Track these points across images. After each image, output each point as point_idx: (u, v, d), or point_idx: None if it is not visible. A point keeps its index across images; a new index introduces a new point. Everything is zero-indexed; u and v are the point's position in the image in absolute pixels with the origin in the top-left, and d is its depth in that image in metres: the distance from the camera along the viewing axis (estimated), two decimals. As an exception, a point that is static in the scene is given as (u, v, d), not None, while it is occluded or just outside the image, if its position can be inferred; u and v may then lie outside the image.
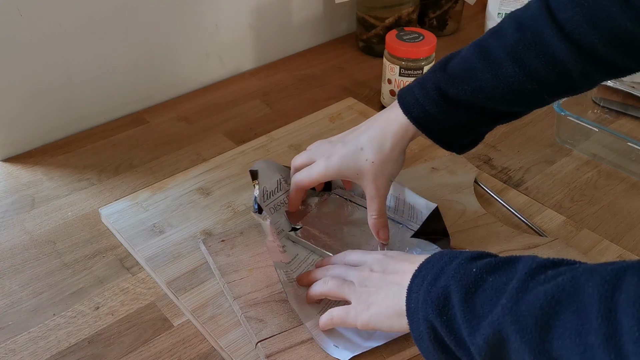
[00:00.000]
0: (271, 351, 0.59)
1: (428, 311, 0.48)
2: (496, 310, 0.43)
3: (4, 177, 0.85)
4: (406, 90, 0.65)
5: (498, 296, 0.44)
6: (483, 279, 0.45)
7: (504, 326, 0.42)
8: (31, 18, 0.81)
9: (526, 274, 0.43)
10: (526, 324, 0.40)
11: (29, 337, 0.63)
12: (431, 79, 0.63)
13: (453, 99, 0.62)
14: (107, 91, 0.94)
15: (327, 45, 1.18)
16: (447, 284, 0.47)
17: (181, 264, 0.69)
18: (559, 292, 0.40)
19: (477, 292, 0.45)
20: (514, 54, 0.59)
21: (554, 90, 0.61)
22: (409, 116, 0.64)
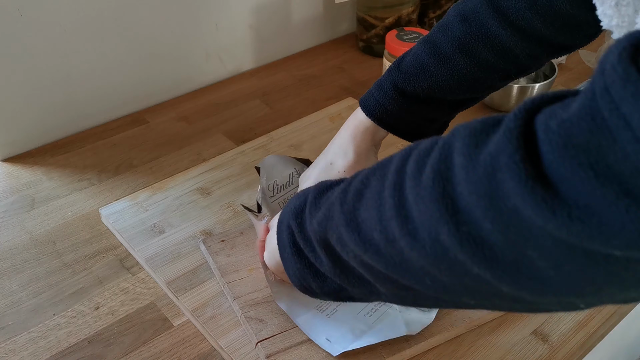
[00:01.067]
0: (271, 351, 0.59)
1: (289, 217, 0.52)
2: (332, 195, 0.47)
3: (4, 177, 0.85)
4: (366, 95, 0.68)
5: (339, 186, 0.48)
6: (337, 183, 0.50)
7: (333, 204, 0.46)
8: (31, 18, 0.81)
9: (377, 164, 0.46)
10: (348, 198, 0.45)
11: (29, 337, 0.63)
12: (388, 79, 0.66)
13: (411, 96, 0.65)
14: (107, 91, 0.94)
15: (327, 45, 1.18)
16: (308, 192, 0.52)
17: (181, 264, 0.69)
18: (376, 166, 0.44)
19: (327, 191, 0.50)
20: (462, 46, 0.62)
21: (505, 74, 0.64)
22: (371, 117, 0.66)
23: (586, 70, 1.06)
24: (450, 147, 0.36)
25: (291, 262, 0.53)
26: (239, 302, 0.63)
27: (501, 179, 0.32)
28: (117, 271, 0.70)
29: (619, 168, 0.28)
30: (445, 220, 0.35)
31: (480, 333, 0.64)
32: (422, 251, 0.38)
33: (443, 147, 0.37)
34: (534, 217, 0.31)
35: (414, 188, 0.38)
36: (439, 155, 0.37)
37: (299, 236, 0.51)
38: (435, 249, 0.37)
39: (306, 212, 0.50)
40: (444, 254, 0.37)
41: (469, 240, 0.35)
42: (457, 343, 0.63)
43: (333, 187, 0.50)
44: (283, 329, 0.61)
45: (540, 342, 0.63)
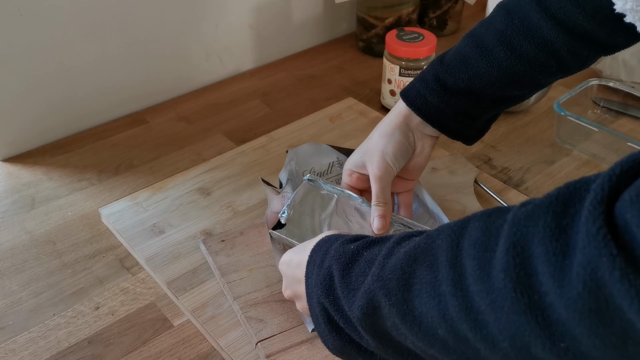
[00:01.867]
0: (271, 351, 0.59)
1: (319, 293, 0.49)
2: (367, 280, 0.44)
3: (4, 177, 0.85)
4: (408, 86, 0.68)
5: (370, 266, 0.45)
6: (359, 254, 0.47)
7: (375, 293, 0.43)
8: (31, 18, 0.81)
9: (394, 242, 0.44)
10: (391, 287, 0.41)
11: (29, 337, 0.63)
12: (430, 71, 0.66)
13: (452, 88, 0.65)
14: (107, 91, 0.94)
15: (327, 45, 1.18)
16: (330, 264, 0.49)
17: (181, 264, 0.69)
18: (415, 249, 0.41)
19: (354, 266, 0.46)
20: (504, 39, 0.62)
21: (546, 71, 0.63)
22: (411, 107, 0.67)
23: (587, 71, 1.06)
24: (525, 253, 0.33)
25: (329, 338, 0.50)
26: (239, 302, 0.63)
27: (609, 293, 0.29)
28: (117, 271, 0.70)
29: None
30: (536, 334, 0.32)
31: (480, 333, 0.64)
32: (506, 358, 0.35)
33: (514, 251, 0.33)
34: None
35: (486, 295, 0.35)
36: (512, 261, 0.33)
37: (336, 315, 0.48)
38: (524, 357, 0.34)
39: (338, 293, 0.47)
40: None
41: (569, 355, 0.32)
42: (457, 343, 0.63)
43: (357, 258, 0.47)
44: (283, 329, 0.61)
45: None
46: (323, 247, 0.52)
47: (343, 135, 0.90)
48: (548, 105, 0.98)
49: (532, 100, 0.96)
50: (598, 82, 0.95)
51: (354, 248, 0.48)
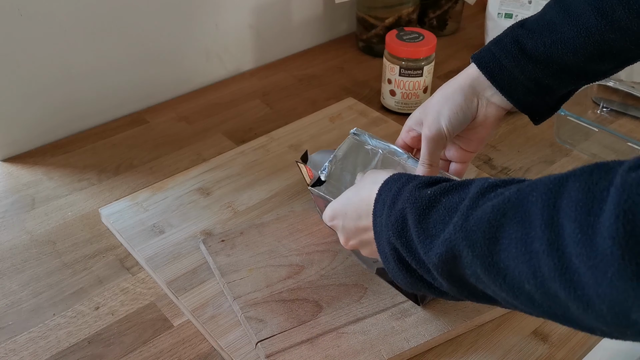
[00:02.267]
0: (271, 351, 0.59)
1: (389, 234, 0.49)
2: (448, 229, 0.43)
3: (4, 177, 0.85)
4: (482, 48, 0.64)
5: (450, 215, 0.44)
6: (437, 200, 0.46)
7: (456, 243, 0.43)
8: (31, 18, 0.81)
9: (477, 193, 0.43)
10: (476, 238, 0.41)
11: (29, 337, 0.63)
12: (509, 34, 0.62)
13: (531, 53, 0.60)
14: (107, 91, 0.94)
15: (327, 45, 1.18)
16: (404, 206, 0.48)
17: (181, 264, 0.69)
18: (504, 204, 0.40)
19: (431, 213, 0.46)
20: (595, 2, 0.57)
21: (638, 41, 0.58)
22: (482, 69, 0.62)
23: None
24: (639, 219, 0.32)
25: (399, 275, 0.51)
26: (239, 302, 0.63)
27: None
28: (117, 271, 0.70)
29: None
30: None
31: (480, 333, 0.64)
32: (599, 319, 0.36)
33: (625, 218, 0.33)
34: None
35: (587, 259, 0.34)
36: (622, 228, 0.33)
37: (408, 257, 0.48)
38: (620, 321, 0.34)
39: (412, 236, 0.47)
40: (632, 326, 0.34)
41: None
42: (457, 343, 0.63)
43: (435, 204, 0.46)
44: (283, 329, 0.61)
45: (540, 342, 0.63)
46: (394, 187, 0.51)
47: (343, 136, 0.90)
48: (548, 105, 0.98)
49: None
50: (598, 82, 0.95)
51: (431, 193, 0.47)
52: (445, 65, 1.10)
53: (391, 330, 0.61)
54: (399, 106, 0.96)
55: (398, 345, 0.60)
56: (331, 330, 0.61)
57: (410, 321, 0.62)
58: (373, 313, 0.63)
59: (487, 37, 1.14)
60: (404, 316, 0.63)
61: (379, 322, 0.62)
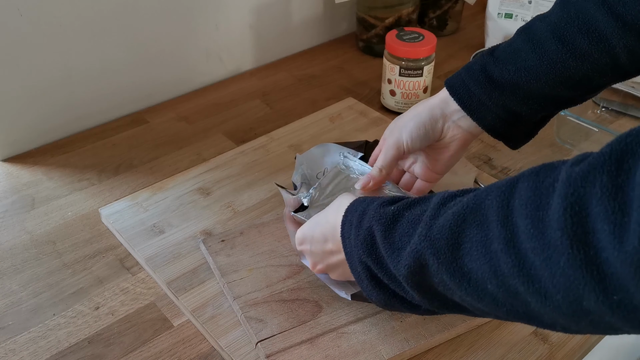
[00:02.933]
0: (271, 351, 0.59)
1: (360, 253, 0.51)
2: (414, 240, 0.45)
3: (4, 177, 0.85)
4: (454, 75, 0.66)
5: (414, 227, 0.46)
6: (401, 214, 0.48)
7: (422, 252, 0.44)
8: (31, 18, 0.81)
9: (438, 203, 0.45)
10: (439, 245, 0.43)
11: (29, 337, 0.63)
12: (478, 62, 0.65)
13: (497, 81, 0.62)
14: (107, 91, 0.94)
15: (327, 45, 1.18)
16: (370, 224, 0.50)
17: (181, 264, 0.69)
18: (463, 210, 0.42)
19: (396, 226, 0.48)
20: (557, 31, 0.59)
21: (599, 69, 0.59)
22: (452, 94, 0.65)
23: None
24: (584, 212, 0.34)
25: (373, 293, 0.52)
26: (239, 302, 0.63)
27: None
28: (117, 271, 0.70)
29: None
30: (591, 288, 0.34)
31: (480, 333, 0.64)
32: (556, 310, 0.37)
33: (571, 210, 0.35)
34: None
35: (541, 251, 0.36)
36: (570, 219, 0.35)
37: (379, 273, 0.50)
38: (574, 309, 0.36)
39: (381, 252, 0.49)
40: (586, 315, 0.36)
41: (621, 307, 0.34)
42: (457, 343, 0.63)
43: (399, 219, 0.48)
44: (283, 329, 0.61)
45: (540, 342, 0.63)
46: (359, 208, 0.53)
47: (343, 135, 0.90)
48: (548, 105, 0.98)
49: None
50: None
51: (394, 209, 0.49)
52: (445, 65, 1.10)
53: (391, 330, 0.61)
54: (399, 106, 0.96)
55: (398, 345, 0.60)
56: (331, 330, 0.61)
57: (410, 321, 0.62)
58: (373, 313, 0.63)
59: (487, 37, 1.14)
60: (404, 316, 0.63)
61: (379, 322, 0.62)
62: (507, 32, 1.09)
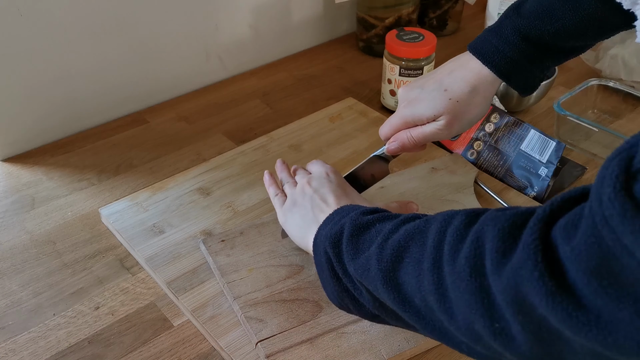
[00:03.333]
0: (271, 351, 0.59)
1: (326, 244, 0.54)
2: (372, 248, 0.50)
3: (4, 177, 0.85)
4: (480, 41, 0.64)
5: (377, 236, 0.50)
6: (372, 224, 0.52)
7: (371, 258, 0.49)
8: (31, 18, 0.81)
9: (402, 220, 0.50)
10: (385, 255, 0.47)
11: (29, 337, 0.63)
12: (507, 25, 0.62)
13: (536, 42, 0.61)
14: (107, 91, 0.94)
15: (327, 45, 1.18)
16: (344, 223, 0.54)
17: (181, 264, 0.69)
18: (414, 229, 0.47)
19: (364, 232, 0.52)
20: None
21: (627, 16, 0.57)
22: (490, 66, 0.62)
23: (587, 71, 1.06)
24: (482, 247, 0.39)
25: (329, 284, 0.55)
26: (239, 302, 0.63)
27: (526, 292, 0.35)
28: (117, 271, 0.70)
29: (633, 290, 0.30)
30: (480, 313, 0.38)
31: (480, 333, 0.64)
32: (458, 330, 0.41)
33: (476, 243, 0.40)
34: (562, 326, 0.33)
35: (451, 274, 0.41)
36: (473, 251, 0.40)
37: (337, 266, 0.53)
38: (471, 333, 0.40)
39: (343, 248, 0.52)
40: (479, 338, 0.40)
41: (502, 335, 0.38)
42: (457, 343, 0.63)
43: (369, 227, 0.52)
44: (283, 329, 0.61)
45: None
46: (344, 211, 0.56)
47: (343, 135, 0.90)
48: (548, 105, 0.98)
49: (532, 100, 0.96)
50: (598, 82, 0.95)
51: (370, 218, 0.53)
52: (445, 65, 1.10)
53: (391, 330, 0.61)
54: (399, 106, 0.96)
55: (398, 345, 0.60)
56: (331, 330, 0.61)
57: (410, 321, 0.62)
58: (373, 313, 0.63)
59: (487, 37, 1.14)
60: (404, 316, 0.63)
61: (379, 322, 0.62)
62: (507, 32, 1.09)
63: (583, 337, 0.33)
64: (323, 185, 0.62)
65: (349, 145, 0.88)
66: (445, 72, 0.65)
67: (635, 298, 0.30)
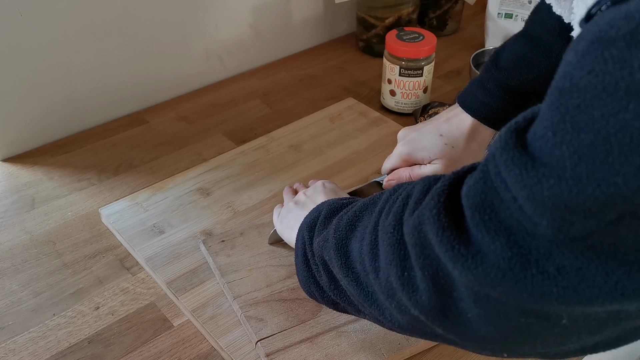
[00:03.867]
0: (271, 350, 0.59)
1: (303, 228, 0.57)
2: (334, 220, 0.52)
3: (4, 177, 0.85)
4: (466, 96, 0.69)
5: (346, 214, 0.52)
6: (347, 207, 0.54)
7: (330, 230, 0.51)
8: (31, 18, 0.81)
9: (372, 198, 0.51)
10: (341, 225, 0.50)
11: (29, 337, 0.63)
12: (488, 79, 0.67)
13: (518, 91, 0.66)
14: (107, 91, 0.94)
15: (327, 45, 1.18)
16: (322, 208, 0.57)
17: (181, 264, 0.69)
18: (370, 200, 0.50)
19: (336, 215, 0.54)
20: (562, 32, 0.62)
21: None
22: (479, 118, 0.68)
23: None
24: (407, 199, 0.42)
25: (301, 269, 0.57)
26: (239, 302, 0.63)
27: (425, 230, 0.37)
28: (117, 271, 0.70)
29: (507, 223, 0.33)
30: (395, 263, 0.41)
31: (480, 333, 0.64)
32: (380, 287, 0.43)
33: (405, 198, 0.43)
34: (450, 264, 0.36)
35: (381, 231, 0.43)
36: (400, 204, 0.42)
37: (308, 248, 0.55)
38: (388, 288, 0.42)
39: (316, 229, 0.55)
40: (393, 294, 0.42)
41: (408, 284, 0.40)
42: (457, 343, 0.63)
43: (343, 207, 0.54)
44: (283, 328, 0.61)
45: (541, 342, 0.63)
46: (329, 202, 0.58)
47: (343, 135, 0.90)
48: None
49: (532, 100, 0.96)
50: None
51: (347, 201, 0.55)
52: (445, 65, 1.10)
53: (391, 329, 0.61)
54: (399, 106, 0.96)
55: (398, 343, 0.60)
56: (331, 329, 0.61)
57: (410, 321, 0.62)
58: (373, 313, 0.63)
59: (487, 37, 1.14)
60: (404, 316, 0.63)
61: (379, 321, 0.62)
62: (507, 32, 1.09)
63: (460, 269, 0.34)
64: (317, 192, 0.65)
65: (349, 145, 0.88)
66: (441, 119, 0.71)
67: (508, 230, 0.32)
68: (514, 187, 0.32)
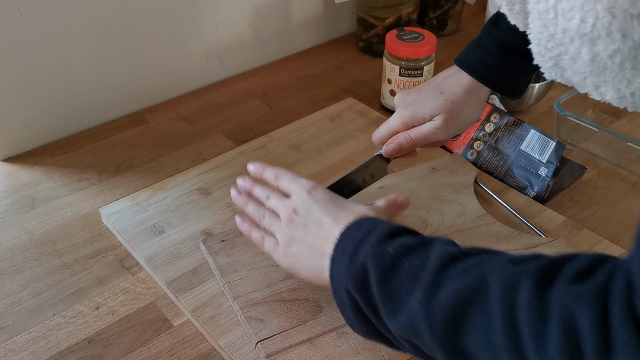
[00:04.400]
0: (271, 351, 0.59)
1: (348, 284, 0.49)
2: (412, 302, 0.45)
3: (4, 177, 0.85)
4: (465, 55, 0.69)
5: (413, 283, 0.45)
6: (399, 260, 0.47)
7: (418, 320, 0.44)
8: (31, 18, 0.81)
9: (438, 266, 0.45)
10: (437, 320, 0.43)
11: (29, 337, 0.63)
12: (487, 37, 0.68)
13: (516, 49, 0.66)
14: (107, 91, 0.94)
15: (327, 45, 1.18)
16: (365, 260, 0.49)
17: (181, 264, 0.69)
18: (466, 291, 0.42)
19: (393, 274, 0.47)
20: None
21: None
22: (476, 77, 0.68)
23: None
24: (576, 339, 0.36)
25: (357, 324, 0.52)
26: (239, 302, 0.63)
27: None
28: (117, 271, 0.70)
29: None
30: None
31: (480, 333, 0.64)
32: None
33: (569, 335, 0.37)
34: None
35: (540, 352, 0.38)
36: (567, 345, 0.37)
37: (368, 312, 0.49)
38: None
39: (374, 293, 0.48)
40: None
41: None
42: (457, 343, 0.63)
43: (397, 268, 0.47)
44: (283, 329, 0.61)
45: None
46: (356, 236, 0.51)
47: (343, 135, 0.90)
48: (548, 105, 0.98)
49: (532, 100, 0.96)
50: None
51: (393, 253, 0.48)
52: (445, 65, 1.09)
53: (391, 330, 0.61)
54: (399, 106, 0.96)
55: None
56: (331, 330, 0.61)
57: (410, 321, 0.62)
58: (373, 313, 0.63)
59: (487, 37, 1.14)
60: (404, 316, 0.63)
61: (379, 322, 0.62)
62: (507, 32, 1.09)
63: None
64: (310, 207, 0.56)
65: (349, 145, 0.88)
66: (440, 78, 0.71)
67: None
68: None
